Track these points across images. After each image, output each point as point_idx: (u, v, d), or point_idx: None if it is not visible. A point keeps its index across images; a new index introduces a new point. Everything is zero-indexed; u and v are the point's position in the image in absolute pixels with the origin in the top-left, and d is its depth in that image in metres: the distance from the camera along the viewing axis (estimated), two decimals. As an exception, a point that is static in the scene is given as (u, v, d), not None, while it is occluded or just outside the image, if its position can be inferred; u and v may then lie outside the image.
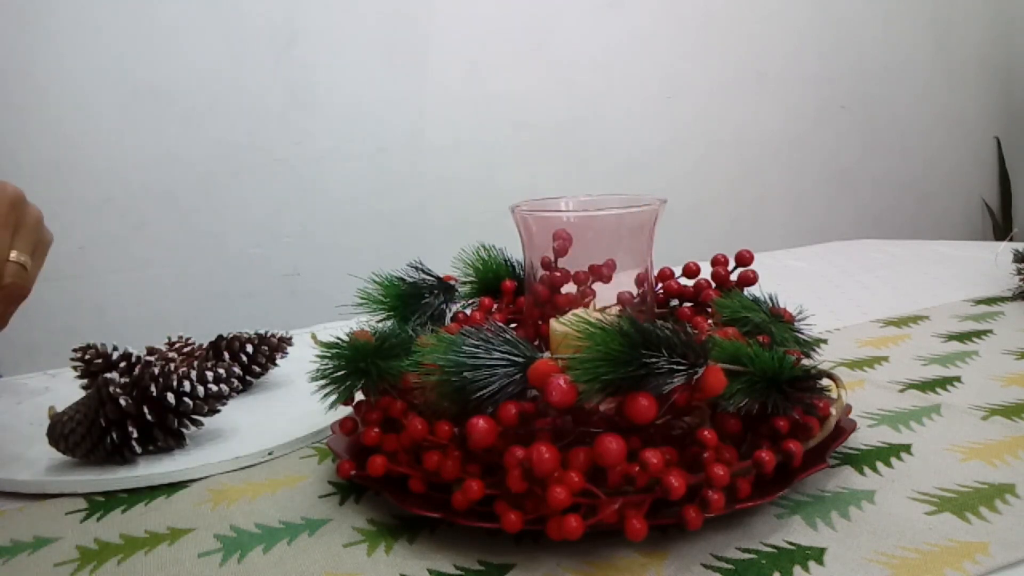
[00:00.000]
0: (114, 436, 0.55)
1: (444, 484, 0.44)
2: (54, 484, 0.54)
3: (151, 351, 0.72)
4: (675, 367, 0.41)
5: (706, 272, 0.64)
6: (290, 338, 0.75)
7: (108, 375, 0.57)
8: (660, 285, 0.65)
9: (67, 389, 0.70)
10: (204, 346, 0.74)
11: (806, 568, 0.39)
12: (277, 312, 1.84)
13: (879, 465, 0.50)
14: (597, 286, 0.56)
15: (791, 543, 0.41)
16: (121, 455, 0.55)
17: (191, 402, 0.57)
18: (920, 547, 0.40)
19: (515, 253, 0.63)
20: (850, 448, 0.52)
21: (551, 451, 0.40)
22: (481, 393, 0.43)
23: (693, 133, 2.34)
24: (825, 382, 0.52)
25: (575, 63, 2.16)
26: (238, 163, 1.83)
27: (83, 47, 1.68)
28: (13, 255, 0.53)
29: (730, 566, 0.40)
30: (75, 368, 0.70)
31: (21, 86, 1.64)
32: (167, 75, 1.75)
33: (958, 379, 0.64)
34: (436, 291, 0.64)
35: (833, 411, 0.49)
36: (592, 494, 0.39)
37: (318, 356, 0.51)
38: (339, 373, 0.50)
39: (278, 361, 0.74)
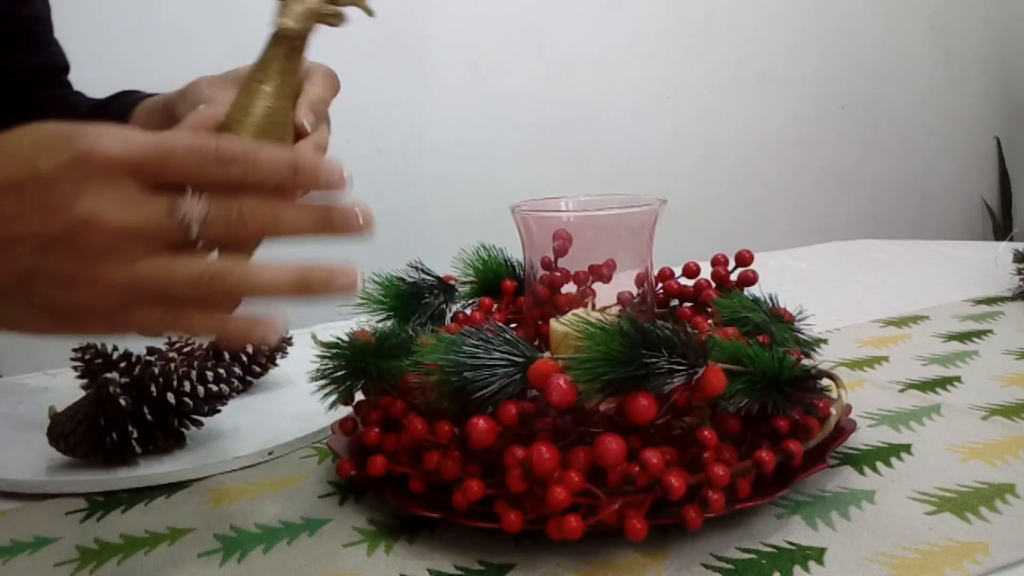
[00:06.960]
0: (114, 436, 0.55)
1: (444, 484, 0.44)
2: (54, 484, 0.54)
3: (151, 351, 0.72)
4: (675, 367, 0.41)
5: (706, 272, 0.64)
6: (290, 338, 0.75)
7: (108, 375, 0.57)
8: (660, 285, 0.65)
9: (67, 389, 0.70)
10: (204, 346, 0.74)
11: (806, 568, 0.39)
12: (277, 312, 1.84)
13: (879, 465, 0.50)
14: (597, 286, 0.56)
15: (791, 543, 0.41)
16: (121, 455, 0.55)
17: (191, 402, 0.57)
18: (920, 547, 0.40)
19: (515, 253, 0.63)
20: (850, 448, 0.52)
21: (551, 451, 0.40)
22: (481, 393, 0.43)
23: (693, 133, 2.34)
24: (825, 382, 0.52)
25: (575, 63, 2.16)
26: (238, 163, 1.82)
27: (83, 46, 1.67)
28: None
29: (730, 566, 0.40)
30: (75, 368, 0.70)
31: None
32: (168, 75, 1.74)
33: (958, 379, 0.64)
34: (436, 291, 0.64)
35: (833, 411, 0.49)
36: (592, 494, 0.39)
37: (318, 356, 0.51)
38: (339, 373, 0.50)
39: (278, 361, 0.74)
